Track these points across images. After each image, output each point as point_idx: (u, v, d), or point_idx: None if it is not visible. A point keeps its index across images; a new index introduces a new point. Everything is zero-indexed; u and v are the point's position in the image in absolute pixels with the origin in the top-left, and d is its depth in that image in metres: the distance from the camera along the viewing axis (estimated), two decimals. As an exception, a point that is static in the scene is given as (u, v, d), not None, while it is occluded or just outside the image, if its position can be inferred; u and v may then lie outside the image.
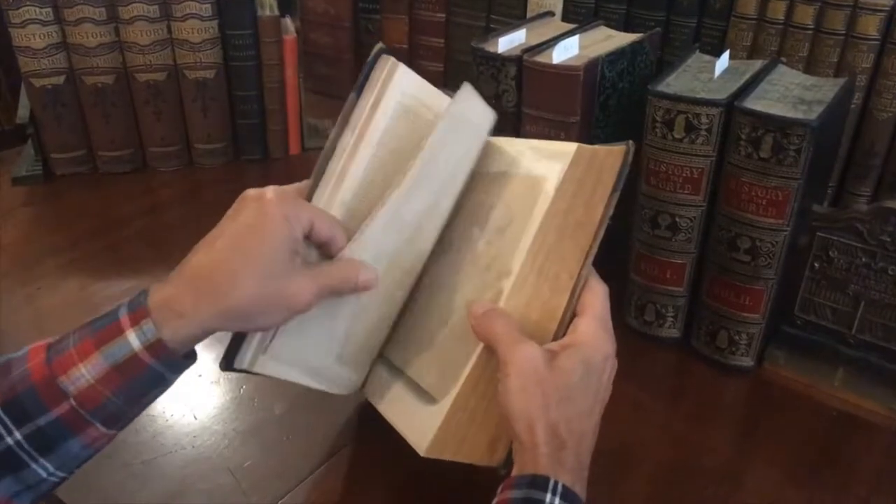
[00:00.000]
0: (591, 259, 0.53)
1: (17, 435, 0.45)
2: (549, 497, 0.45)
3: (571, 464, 0.47)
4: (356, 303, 0.55)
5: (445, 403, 0.53)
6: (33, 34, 0.98)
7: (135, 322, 0.46)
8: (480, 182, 0.60)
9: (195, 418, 0.67)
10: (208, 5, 1.02)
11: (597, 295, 0.53)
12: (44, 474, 0.46)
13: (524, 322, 0.52)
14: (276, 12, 1.06)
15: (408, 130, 0.56)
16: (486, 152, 0.61)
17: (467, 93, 0.57)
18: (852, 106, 0.80)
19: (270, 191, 0.50)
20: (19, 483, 0.46)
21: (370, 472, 0.63)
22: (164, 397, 0.68)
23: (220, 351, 0.75)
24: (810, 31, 0.82)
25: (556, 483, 0.46)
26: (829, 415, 0.69)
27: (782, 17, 0.83)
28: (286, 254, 0.48)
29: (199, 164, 1.11)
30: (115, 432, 0.49)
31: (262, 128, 1.12)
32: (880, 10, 0.78)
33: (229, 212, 0.51)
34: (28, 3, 0.96)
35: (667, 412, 0.71)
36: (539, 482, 0.46)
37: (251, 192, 0.50)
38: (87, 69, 1.02)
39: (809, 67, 0.83)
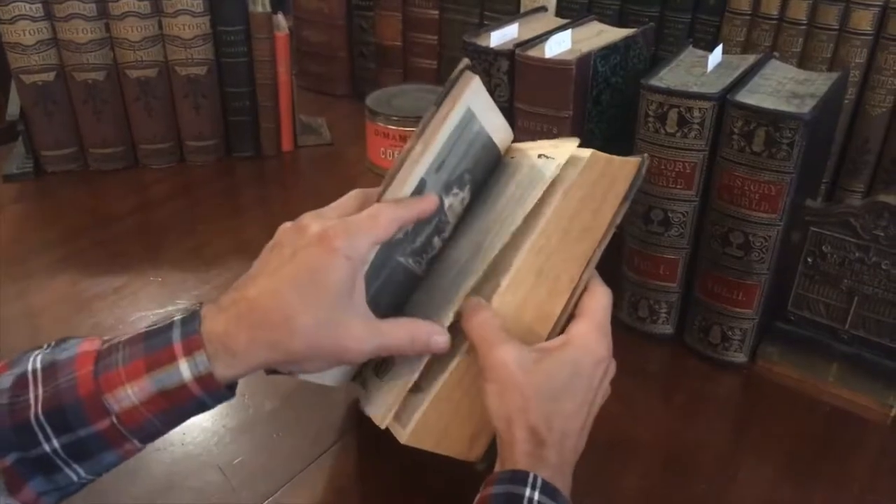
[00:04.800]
0: (593, 264, 0.53)
1: (56, 443, 0.45)
2: (528, 491, 0.45)
3: (553, 461, 0.47)
4: None
5: (429, 392, 0.53)
6: (23, 30, 0.97)
7: (188, 352, 0.46)
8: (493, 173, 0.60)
9: (185, 415, 0.66)
10: (200, 1, 1.01)
11: (597, 299, 0.54)
12: (75, 478, 0.47)
13: (517, 321, 0.52)
14: (268, 9, 1.06)
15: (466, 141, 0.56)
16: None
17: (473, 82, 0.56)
18: (846, 101, 0.80)
19: (332, 227, 0.47)
20: (49, 483, 0.46)
21: (360, 469, 0.62)
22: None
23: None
24: (804, 27, 0.82)
25: (535, 477, 0.46)
26: (822, 410, 0.69)
27: (776, 13, 0.83)
28: (347, 298, 0.47)
29: (190, 162, 1.11)
30: (145, 446, 0.49)
31: (255, 125, 1.12)
32: (873, 6, 0.78)
33: (280, 243, 0.49)
34: (18, -2, 0.96)
35: (660, 408, 0.70)
36: (518, 477, 0.46)
37: (313, 226, 0.48)
38: (77, 66, 1.01)
39: (803, 63, 0.83)
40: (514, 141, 0.62)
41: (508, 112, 0.76)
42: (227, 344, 0.46)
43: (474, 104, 0.55)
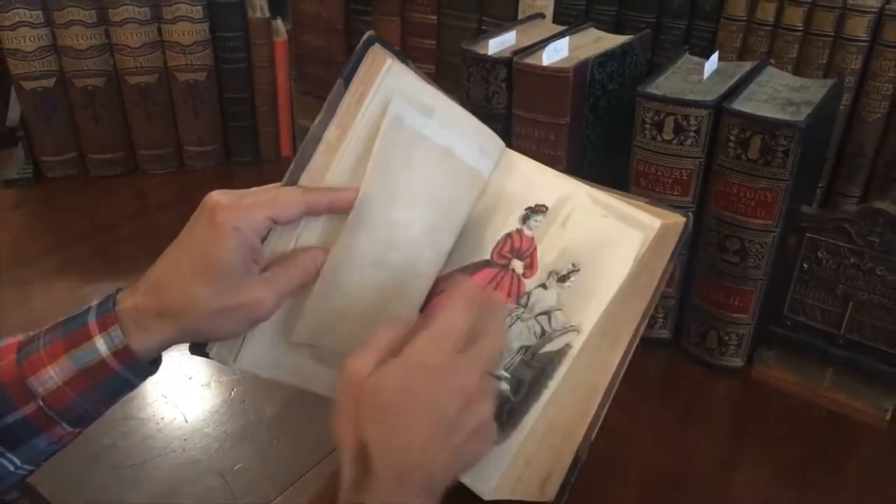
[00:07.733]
0: (647, 318, 0.54)
1: None
2: None
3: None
4: (312, 295, 0.54)
5: (508, 450, 0.53)
6: (23, 37, 0.98)
7: (103, 328, 0.48)
8: (515, 206, 0.58)
9: (186, 421, 0.67)
10: (199, 7, 1.02)
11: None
12: (11, 468, 0.48)
13: (584, 378, 0.53)
14: (267, 14, 1.06)
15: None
16: (525, 179, 0.59)
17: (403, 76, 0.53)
18: (841, 107, 0.81)
19: (223, 199, 0.49)
20: None
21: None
22: (155, 400, 0.69)
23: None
24: (799, 33, 0.82)
25: None
26: (818, 415, 0.70)
27: (772, 19, 0.83)
28: (239, 267, 0.48)
29: (190, 167, 1.11)
30: (80, 430, 0.50)
31: (254, 130, 1.12)
32: (869, 12, 0.78)
33: (191, 218, 0.50)
34: (18, 5, 0.96)
35: (656, 413, 0.71)
36: None
37: (209, 200, 0.49)
38: (77, 72, 1.02)
39: (799, 69, 0.83)
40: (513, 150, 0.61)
41: (506, 119, 0.76)
42: (138, 318, 0.48)
43: (398, 94, 0.52)
